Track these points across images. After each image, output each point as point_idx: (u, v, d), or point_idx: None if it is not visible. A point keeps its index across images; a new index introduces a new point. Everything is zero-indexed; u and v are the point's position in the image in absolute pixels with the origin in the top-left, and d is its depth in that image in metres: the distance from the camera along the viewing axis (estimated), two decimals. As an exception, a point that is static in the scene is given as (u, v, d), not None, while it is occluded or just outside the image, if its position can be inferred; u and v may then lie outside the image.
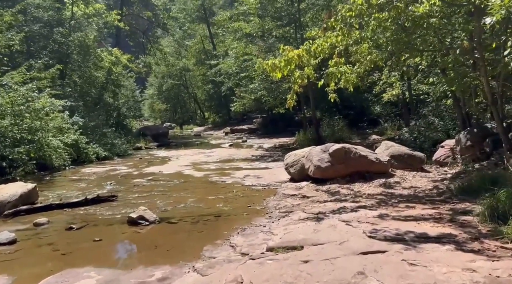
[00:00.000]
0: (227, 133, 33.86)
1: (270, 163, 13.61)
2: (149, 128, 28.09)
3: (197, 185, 10.25)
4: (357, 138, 19.96)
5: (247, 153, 17.58)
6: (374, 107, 24.45)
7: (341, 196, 7.44)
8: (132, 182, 11.19)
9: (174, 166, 14.29)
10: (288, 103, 8.96)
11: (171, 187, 10.08)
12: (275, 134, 27.50)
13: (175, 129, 49.88)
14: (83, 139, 16.71)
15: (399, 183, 7.87)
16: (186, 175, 12.04)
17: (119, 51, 26.94)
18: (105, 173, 13.24)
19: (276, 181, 10.05)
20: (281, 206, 7.31)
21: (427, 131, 12.97)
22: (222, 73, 31.28)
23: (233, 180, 10.74)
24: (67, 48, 23.10)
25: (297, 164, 9.77)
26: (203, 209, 7.66)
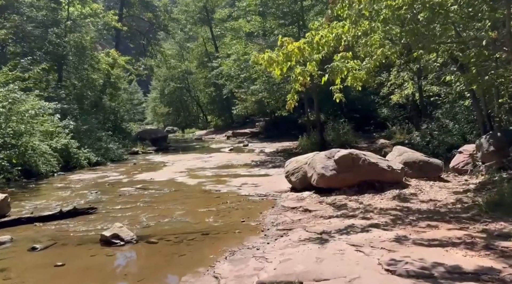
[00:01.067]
0: (229, 137, 32.93)
1: (271, 169, 12.62)
2: (147, 132, 27.23)
3: (189, 195, 9.28)
4: (363, 142, 18.94)
5: (247, 158, 16.61)
6: (381, 109, 23.44)
7: (348, 210, 6.43)
8: (119, 191, 10.24)
9: (168, 172, 13.35)
10: (288, 105, 7.97)
11: (159, 197, 9.12)
12: (278, 138, 26.52)
13: (177, 133, 49.06)
14: (73, 144, 15.81)
15: (416, 195, 6.86)
16: (178, 183, 11.08)
17: (116, 52, 26.14)
18: (93, 180, 12.31)
19: (276, 190, 9.06)
20: (279, 222, 6.32)
21: (441, 135, 11.95)
22: (223, 75, 30.43)
23: (229, 188, 9.76)
24: (62, 49, 22.28)
25: (298, 172, 8.78)
26: (190, 224, 6.68)
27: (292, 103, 8.04)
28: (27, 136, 12.83)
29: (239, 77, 25.34)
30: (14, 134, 12.31)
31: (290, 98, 7.97)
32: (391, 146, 16.58)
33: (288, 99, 8.00)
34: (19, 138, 12.43)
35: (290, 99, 7.97)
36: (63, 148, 15.29)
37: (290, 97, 7.95)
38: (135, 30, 37.33)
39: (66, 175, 13.84)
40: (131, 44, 39.84)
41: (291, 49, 6.40)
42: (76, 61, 23.35)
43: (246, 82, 24.09)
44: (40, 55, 21.86)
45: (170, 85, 51.88)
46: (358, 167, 7.56)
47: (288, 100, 8.02)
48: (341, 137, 17.39)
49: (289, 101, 8.02)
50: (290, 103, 8.02)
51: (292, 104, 8.05)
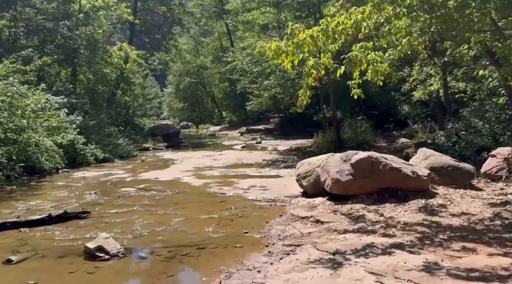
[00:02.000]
0: (243, 134, 32.19)
1: (282, 170, 11.83)
2: (159, 127, 26.71)
3: (191, 198, 8.58)
4: (382, 141, 17.96)
5: (258, 156, 15.84)
6: (402, 107, 22.31)
7: (367, 223, 5.60)
8: (119, 191, 9.63)
9: (175, 171, 12.69)
10: (300, 101, 7.16)
11: (159, 200, 8.44)
12: (293, 135, 25.66)
13: (191, 128, 48.60)
14: (80, 140, 15.31)
15: (445, 207, 5.97)
16: (183, 184, 10.40)
17: (129, 46, 25.66)
18: (96, 179, 11.75)
19: (286, 195, 8.27)
20: (287, 235, 5.55)
21: (468, 136, 10.93)
22: (237, 70, 29.68)
23: (235, 191, 9.02)
24: (73, 43, 21.86)
25: (310, 175, 7.97)
26: (187, 235, 5.97)
27: (304, 100, 7.23)
28: (29, 132, 12.35)
29: (253, 72, 24.56)
30: (15, 130, 11.83)
31: (302, 94, 7.16)
32: (412, 145, 15.58)
33: (300, 95, 7.19)
34: (20, 133, 11.94)
35: (302, 95, 7.16)
36: (69, 143, 14.84)
37: (302, 93, 7.14)
38: (150, 24, 36.88)
39: (71, 172, 13.36)
40: (146, 39, 39.42)
41: (303, 38, 5.58)
42: (88, 55, 22.89)
43: (261, 77, 23.29)
44: (51, 49, 21.55)
45: (185, 81, 51.44)
46: (378, 172, 6.71)
47: (300, 97, 7.21)
48: (358, 136, 16.44)
49: (301, 98, 7.21)
50: (302, 100, 7.21)
51: (304, 101, 7.24)
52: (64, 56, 23.16)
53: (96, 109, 21.45)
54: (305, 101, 7.28)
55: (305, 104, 7.33)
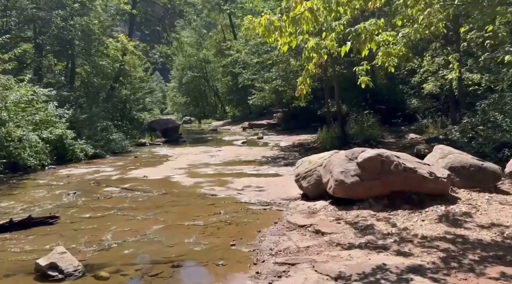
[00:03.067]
0: (245, 129, 31.29)
1: (282, 168, 10.88)
2: (158, 122, 25.82)
3: (178, 200, 7.67)
4: (390, 137, 16.94)
5: (258, 152, 14.90)
6: (411, 100, 21.23)
7: (376, 235, 4.66)
8: (101, 191, 8.75)
9: (167, 168, 11.80)
10: (299, 91, 6.22)
11: (142, 202, 7.55)
12: (296, 130, 24.69)
13: (193, 123, 47.75)
14: (69, 135, 14.45)
15: (470, 216, 5.00)
16: (172, 183, 9.50)
17: (126, 37, 24.72)
18: (81, 177, 10.88)
19: (283, 197, 7.34)
20: (281, 249, 4.63)
21: (487, 131, 9.91)
22: (239, 63, 28.71)
23: (228, 192, 8.09)
24: (67, 33, 20.97)
25: (311, 176, 7.03)
26: (163, 248, 5.06)
27: (304, 89, 6.28)
28: (10, 126, 11.51)
29: (254, 65, 23.58)
30: (-5, 124, 11.02)
31: (302, 82, 6.21)
32: (423, 141, 14.56)
33: (299, 84, 6.24)
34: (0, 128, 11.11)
35: (301, 84, 6.22)
36: (57, 139, 14.00)
37: (301, 81, 6.20)
38: (150, 16, 35.86)
39: (57, 169, 12.52)
40: (146, 31, 38.48)
41: (301, 12, 4.61)
42: (83, 46, 21.99)
43: (263, 71, 22.32)
44: (44, 40, 20.68)
45: (188, 75, 50.54)
46: (389, 173, 5.75)
47: (299, 86, 6.27)
48: (365, 131, 15.43)
49: (300, 87, 6.26)
50: (301, 89, 6.27)
51: (304, 90, 6.29)
52: (60, 48, 22.35)
53: (91, 102, 20.63)
54: (305, 91, 6.33)
55: (304, 94, 6.41)
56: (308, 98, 20.85)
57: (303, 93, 6.29)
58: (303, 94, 6.31)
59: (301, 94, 6.32)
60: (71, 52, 21.90)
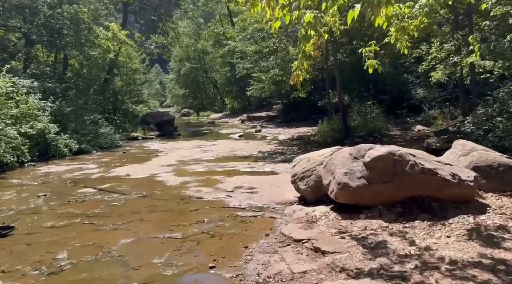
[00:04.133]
0: (243, 121, 30.29)
1: (278, 165, 9.90)
2: (152, 115, 24.83)
3: (158, 204, 6.71)
4: (396, 129, 15.95)
5: (255, 147, 13.92)
6: (416, 90, 20.20)
7: (391, 258, 3.69)
8: (75, 193, 7.81)
9: (154, 166, 10.84)
10: (294, 77, 5.24)
11: (116, 208, 6.60)
12: (296, 122, 23.74)
13: (191, 116, 46.72)
14: (52, 129, 13.49)
15: (507, 230, 4.02)
16: (156, 183, 8.55)
17: (117, 26, 23.62)
18: (59, 175, 9.95)
19: (278, 201, 6.39)
20: (271, 275, 3.68)
21: (506, 123, 8.91)
22: (236, 53, 27.59)
23: (216, 195, 7.13)
24: (55, 22, 19.90)
25: (310, 176, 6.06)
26: (125, 270, 4.11)
27: (301, 76, 5.31)
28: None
29: (253, 55, 22.51)
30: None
31: (297, 67, 5.24)
32: (431, 134, 13.56)
33: (294, 69, 5.26)
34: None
35: (296, 69, 5.24)
36: (38, 133, 13.05)
37: (296, 65, 5.23)
38: (145, 4, 34.65)
39: (38, 166, 11.61)
40: (141, 21, 37.25)
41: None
42: (72, 35, 20.91)
43: (261, 60, 21.25)
44: (31, 29, 19.61)
45: (186, 66, 49.38)
46: (403, 176, 4.77)
47: (294, 71, 5.28)
48: (368, 123, 14.42)
49: (296, 72, 5.28)
50: (297, 76, 5.30)
51: (301, 76, 5.32)
52: (48, 38, 21.29)
53: (80, 95, 19.64)
54: (302, 78, 5.35)
55: (301, 82, 5.41)
56: (308, 89, 19.85)
57: (299, 80, 5.30)
58: (299, 81, 5.31)
59: (297, 81, 5.33)
60: (59, 42, 20.85)
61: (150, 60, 71.69)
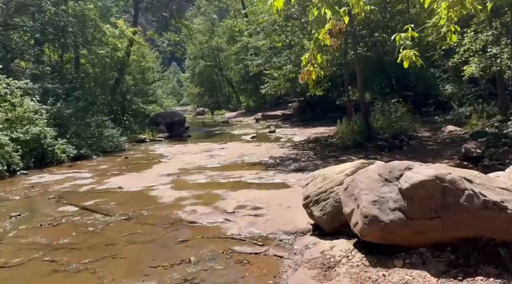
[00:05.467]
0: (258, 120, 29.06)
1: (291, 175, 8.63)
2: (162, 115, 23.81)
3: (141, 231, 5.54)
4: (424, 129, 14.45)
5: (266, 151, 12.67)
6: (444, 86, 18.53)
7: None
8: (54, 212, 6.74)
9: (152, 175, 9.72)
10: (304, 75, 3.99)
11: (91, 235, 5.46)
12: (313, 122, 22.42)
13: (206, 115, 45.75)
14: (48, 133, 12.55)
15: None
16: (147, 199, 7.40)
17: (125, 23, 22.68)
18: (47, 187, 8.93)
19: (286, 230, 5.14)
20: None
21: None
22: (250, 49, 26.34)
23: (213, 217, 5.92)
24: (59, 20, 19.06)
25: (327, 200, 4.79)
26: None
27: (313, 73, 4.05)
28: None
29: (267, 51, 21.22)
30: None
31: (308, 61, 3.96)
32: (465, 136, 12.03)
33: (304, 64, 3.99)
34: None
35: (307, 63, 3.97)
36: (33, 138, 12.13)
37: (306, 59, 3.95)
38: (156, 1, 33.73)
39: (29, 175, 10.69)
40: (153, 17, 36.39)
41: None
42: (78, 33, 20.04)
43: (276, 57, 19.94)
44: (34, 27, 18.83)
45: (200, 64, 48.43)
46: (457, 210, 3.44)
47: (304, 66, 4.02)
48: (393, 123, 12.97)
49: (306, 68, 4.03)
50: (308, 72, 4.03)
51: (313, 74, 4.06)
52: (53, 36, 20.51)
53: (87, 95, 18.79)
54: (314, 75, 4.07)
55: (313, 79, 4.14)
56: (325, 86, 18.46)
57: (311, 79, 4.02)
58: (311, 79, 4.03)
59: (309, 79, 4.05)
60: (63, 40, 20.02)
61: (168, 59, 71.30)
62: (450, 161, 9.02)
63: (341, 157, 10.77)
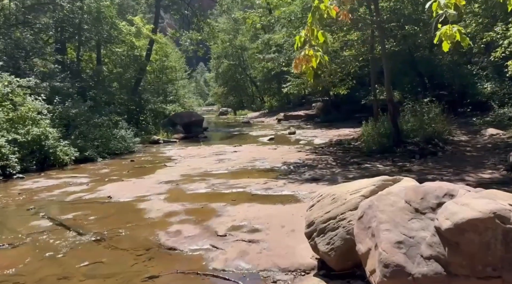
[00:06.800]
0: (280, 121, 27.89)
1: (304, 186, 7.43)
2: (180, 116, 23.02)
3: (107, 260, 4.51)
4: (460, 132, 12.88)
5: (281, 155, 11.50)
6: (482, 84, 16.77)
7: None
8: (24, 228, 5.84)
9: (150, 182, 8.76)
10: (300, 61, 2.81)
11: (45, 263, 4.49)
12: (337, 122, 21.10)
13: (228, 115, 44.93)
14: (51, 134, 11.86)
15: None
16: (133, 213, 6.39)
17: (142, 20, 22.02)
18: (36, 194, 8.12)
19: (284, 265, 3.97)
20: None
21: None
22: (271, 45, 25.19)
23: (198, 242, 4.83)
24: (74, 17, 18.56)
25: (335, 230, 3.61)
26: None
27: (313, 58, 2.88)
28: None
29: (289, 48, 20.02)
30: None
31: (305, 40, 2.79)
32: (510, 140, 10.46)
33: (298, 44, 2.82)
34: None
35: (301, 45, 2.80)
36: (34, 139, 11.47)
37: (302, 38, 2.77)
38: (178, 0, 33.07)
39: (25, 179, 10.00)
40: (175, 16, 35.73)
41: None
42: (93, 31, 19.50)
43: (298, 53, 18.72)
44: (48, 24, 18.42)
45: (224, 63, 47.71)
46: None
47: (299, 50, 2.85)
48: (425, 125, 11.51)
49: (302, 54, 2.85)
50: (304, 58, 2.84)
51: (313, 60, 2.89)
52: (69, 34, 20.09)
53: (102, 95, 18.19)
54: (315, 62, 2.90)
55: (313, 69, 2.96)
56: (350, 84, 17.09)
57: (309, 67, 2.86)
58: (309, 68, 2.87)
59: (306, 68, 2.89)
60: (78, 38, 19.54)
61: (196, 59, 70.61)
62: (494, 171, 7.58)
63: (364, 163, 9.47)
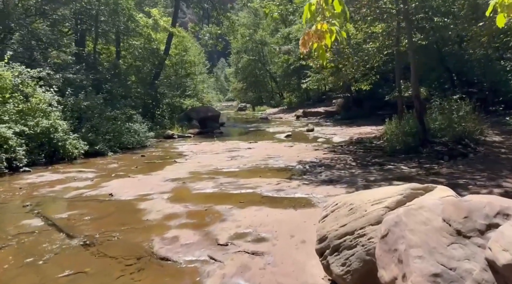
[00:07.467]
0: (299, 117, 27.14)
1: (319, 188, 6.77)
2: (196, 110, 22.57)
3: (91, 270, 4.00)
4: (492, 132, 11.92)
5: (297, 153, 10.85)
6: (516, 80, 15.63)
7: None
8: (12, 228, 5.42)
9: (157, 179, 8.27)
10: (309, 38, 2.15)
11: (27, 271, 4.02)
12: (358, 120, 20.24)
13: (247, 110, 44.35)
14: (60, 127, 11.54)
15: None
16: (132, 214, 5.89)
17: (159, 12, 21.62)
18: (35, 189, 7.75)
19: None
20: None
21: None
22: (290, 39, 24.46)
23: (195, 253, 4.27)
24: (91, 8, 18.30)
25: (352, 249, 2.96)
26: None
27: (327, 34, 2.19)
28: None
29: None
30: None
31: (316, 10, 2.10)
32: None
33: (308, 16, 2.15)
34: None
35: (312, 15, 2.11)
36: (43, 132, 11.18)
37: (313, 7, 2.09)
38: (198, -8, 32.63)
39: (31, 173, 9.68)
40: (194, 9, 35.31)
41: None
42: (110, 23, 19.23)
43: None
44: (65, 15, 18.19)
45: (244, 58, 47.11)
46: None
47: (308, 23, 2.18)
48: (454, 124, 10.61)
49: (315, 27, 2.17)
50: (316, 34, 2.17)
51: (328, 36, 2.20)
52: (86, 26, 19.89)
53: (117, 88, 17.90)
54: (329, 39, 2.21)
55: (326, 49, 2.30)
56: (373, 80, 16.22)
57: (321, 46, 2.21)
58: (322, 48, 2.22)
59: (319, 48, 2.23)
60: (95, 30, 19.31)
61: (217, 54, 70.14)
62: (535, 177, 6.76)
63: (387, 164, 8.73)
